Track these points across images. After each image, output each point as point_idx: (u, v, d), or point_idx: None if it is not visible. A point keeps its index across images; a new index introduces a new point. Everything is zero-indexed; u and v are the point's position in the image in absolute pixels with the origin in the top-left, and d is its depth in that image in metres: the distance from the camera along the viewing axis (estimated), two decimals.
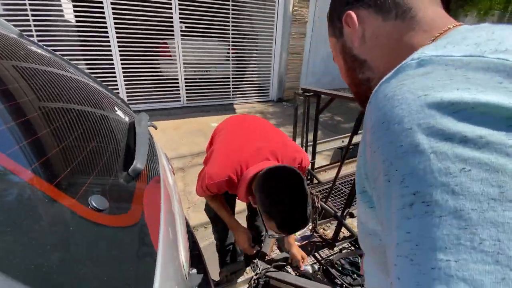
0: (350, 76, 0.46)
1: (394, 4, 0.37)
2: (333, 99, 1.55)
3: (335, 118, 4.58)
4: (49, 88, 0.58)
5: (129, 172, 0.46)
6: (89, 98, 0.71)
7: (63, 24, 3.98)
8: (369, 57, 0.41)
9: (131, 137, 0.62)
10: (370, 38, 0.40)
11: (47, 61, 0.74)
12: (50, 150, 0.41)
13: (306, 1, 4.72)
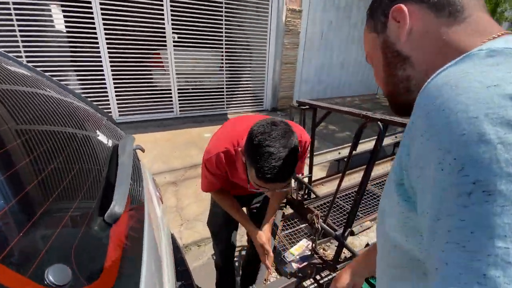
0: (388, 73, 0.44)
1: (448, 1, 0.36)
2: (330, 113, 1.51)
3: (329, 127, 4.57)
4: (12, 110, 0.51)
5: (105, 218, 0.39)
6: (65, 120, 0.63)
7: (53, 34, 3.90)
8: (414, 54, 0.40)
9: (113, 168, 0.55)
10: (418, 34, 0.38)
11: (16, 79, 0.67)
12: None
13: (298, 12, 4.77)
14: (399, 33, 0.40)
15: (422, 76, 0.39)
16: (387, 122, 1.13)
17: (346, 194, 1.96)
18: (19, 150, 0.44)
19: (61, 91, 0.94)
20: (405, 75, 0.41)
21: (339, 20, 5.63)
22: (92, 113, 0.96)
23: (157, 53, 4.14)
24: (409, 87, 0.41)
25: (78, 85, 3.79)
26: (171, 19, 3.85)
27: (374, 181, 2.17)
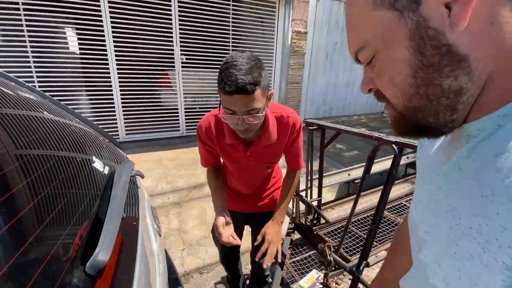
0: (424, 80, 0.27)
1: None
2: (339, 134, 1.45)
3: (337, 146, 4.49)
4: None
5: (86, 269, 0.33)
6: (59, 144, 0.59)
7: (65, 55, 4.05)
8: (476, 54, 0.25)
9: (105, 200, 0.49)
10: (492, 22, 0.23)
11: (16, 103, 0.64)
12: None
13: (304, 34, 4.88)
14: (457, 15, 0.23)
15: (477, 90, 0.26)
16: (403, 145, 1.06)
17: (358, 220, 1.84)
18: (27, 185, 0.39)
19: (62, 113, 0.91)
20: (454, 86, 0.26)
21: (344, 41, 5.73)
22: (93, 136, 0.92)
23: (166, 74, 4.23)
24: (456, 105, 0.27)
25: (88, 105, 3.86)
26: (180, 41, 3.97)
27: (388, 205, 2.05)
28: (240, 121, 0.76)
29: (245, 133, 0.82)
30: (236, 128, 0.81)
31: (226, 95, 0.72)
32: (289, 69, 4.93)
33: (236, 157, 1.01)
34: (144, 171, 0.96)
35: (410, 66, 0.27)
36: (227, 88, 0.70)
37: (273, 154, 1.02)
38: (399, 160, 1.05)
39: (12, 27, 3.02)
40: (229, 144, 0.96)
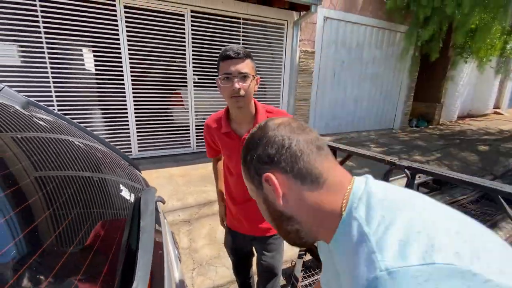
0: (277, 225, 0.49)
1: (308, 171, 0.43)
2: (350, 156, 1.47)
3: (347, 163, 4.45)
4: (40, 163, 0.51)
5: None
6: (86, 169, 0.63)
7: (85, 75, 4.27)
8: (296, 214, 0.45)
9: (134, 229, 0.53)
10: (293, 200, 0.44)
11: (47, 130, 0.70)
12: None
13: (311, 53, 5.02)
14: (275, 197, 0.45)
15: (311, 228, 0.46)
16: (415, 170, 1.06)
17: None
18: (39, 202, 0.43)
19: (88, 138, 0.97)
20: (294, 229, 0.46)
21: (351, 59, 5.84)
22: (117, 160, 0.97)
23: (178, 93, 4.38)
24: (300, 236, 0.47)
25: (103, 122, 4.01)
26: (193, 62, 4.14)
27: None
28: (234, 82, 0.92)
29: (239, 98, 0.95)
30: (232, 91, 0.94)
31: (225, 61, 0.93)
32: (297, 87, 5.03)
33: (230, 147, 1.11)
34: (155, 187, 1.01)
35: (269, 214, 0.49)
36: (226, 53, 0.92)
37: None
38: (412, 185, 1.05)
39: (33, 49, 3.23)
40: (225, 133, 1.09)
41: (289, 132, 0.46)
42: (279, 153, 0.44)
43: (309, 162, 0.43)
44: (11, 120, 0.67)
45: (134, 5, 3.60)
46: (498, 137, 6.87)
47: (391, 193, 0.42)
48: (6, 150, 0.51)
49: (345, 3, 5.25)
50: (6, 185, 0.44)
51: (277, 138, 0.45)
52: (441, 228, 0.36)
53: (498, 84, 10.99)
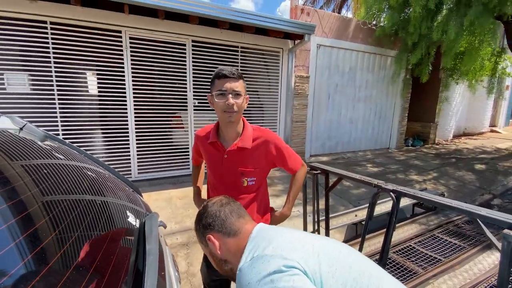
0: (218, 266, 0.76)
1: (231, 229, 0.73)
2: (341, 179, 1.55)
3: (344, 183, 4.51)
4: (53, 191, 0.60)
5: None
6: (98, 192, 0.72)
7: (88, 99, 4.45)
8: (228, 258, 0.72)
9: (140, 253, 0.60)
10: (225, 248, 0.72)
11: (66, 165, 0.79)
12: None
13: (306, 78, 5.26)
14: (215, 250, 0.72)
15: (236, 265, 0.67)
16: (399, 193, 1.15)
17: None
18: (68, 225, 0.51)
19: (96, 165, 1.06)
20: (228, 268, 0.73)
21: (344, 83, 6.10)
22: (120, 185, 1.06)
23: (178, 116, 4.54)
24: (232, 269, 0.71)
25: (104, 144, 4.12)
26: (193, 87, 4.34)
27: (396, 247, 2.04)
28: (229, 99, 1.03)
29: (232, 112, 1.06)
30: (225, 106, 1.04)
31: (220, 79, 1.05)
32: (294, 109, 5.21)
33: (215, 158, 1.19)
34: (154, 210, 1.06)
35: (213, 261, 0.78)
36: (222, 73, 1.04)
37: (248, 160, 1.15)
38: (397, 208, 1.12)
39: (43, 77, 3.42)
40: (211, 142, 1.18)
41: (219, 207, 0.77)
42: (214, 221, 0.74)
43: (231, 223, 0.74)
44: (32, 152, 0.77)
45: (139, 36, 3.86)
46: (495, 155, 6.96)
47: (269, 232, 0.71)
48: (30, 176, 0.60)
49: (336, 31, 5.59)
50: (28, 207, 0.52)
51: (212, 212, 0.76)
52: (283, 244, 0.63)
53: (492, 103, 11.30)
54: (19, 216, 0.50)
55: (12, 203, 0.52)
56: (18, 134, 0.89)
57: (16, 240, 0.45)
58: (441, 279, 1.66)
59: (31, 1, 3.18)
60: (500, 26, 5.75)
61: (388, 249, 1.13)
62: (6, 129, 0.88)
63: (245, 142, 1.14)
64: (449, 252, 1.96)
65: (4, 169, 0.60)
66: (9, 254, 0.42)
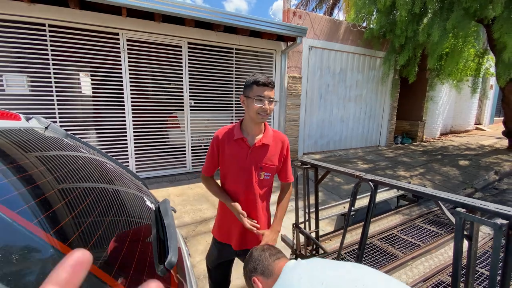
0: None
1: (269, 271, 0.83)
2: (328, 172, 1.72)
3: (335, 179, 4.71)
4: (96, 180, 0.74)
5: (166, 265, 0.57)
6: (129, 198, 0.86)
7: (87, 99, 4.52)
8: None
9: (159, 227, 0.75)
10: (264, 287, 0.82)
11: (89, 159, 0.93)
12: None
13: (298, 78, 5.44)
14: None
15: None
16: (377, 182, 1.32)
17: (353, 250, 2.01)
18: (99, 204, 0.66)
19: (112, 161, 1.20)
20: None
21: (335, 83, 6.31)
22: (135, 180, 1.20)
23: (175, 116, 4.66)
24: None
25: (103, 144, 4.21)
26: (189, 88, 4.47)
27: (381, 235, 2.23)
28: (265, 104, 1.18)
29: (265, 115, 1.20)
30: (261, 110, 1.19)
31: (259, 86, 1.18)
32: (287, 109, 5.39)
33: (239, 153, 1.27)
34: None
35: None
36: (262, 81, 1.18)
37: (268, 156, 1.31)
38: (374, 196, 1.30)
39: (42, 79, 3.50)
40: (236, 140, 1.27)
41: (261, 251, 0.91)
42: (257, 265, 0.86)
43: (269, 265, 0.85)
44: (61, 148, 0.91)
45: (136, 39, 3.96)
46: (479, 152, 7.30)
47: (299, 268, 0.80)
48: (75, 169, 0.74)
49: (327, 33, 5.79)
50: (63, 197, 0.65)
51: (255, 257, 0.89)
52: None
53: (477, 102, 11.74)
54: (62, 201, 0.64)
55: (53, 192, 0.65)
56: (44, 133, 1.03)
57: (66, 218, 0.59)
58: (418, 261, 1.85)
59: (30, 4, 3.25)
60: (483, 28, 6.06)
61: (368, 230, 1.30)
62: (34, 128, 1.02)
63: (268, 139, 1.30)
64: (427, 238, 2.16)
65: (36, 162, 0.74)
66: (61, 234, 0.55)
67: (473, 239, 1.01)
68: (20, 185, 0.51)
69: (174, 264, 0.58)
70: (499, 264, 0.90)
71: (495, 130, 11.62)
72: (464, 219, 0.96)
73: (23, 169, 0.58)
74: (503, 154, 6.85)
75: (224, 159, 1.31)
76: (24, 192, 0.50)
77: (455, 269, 1.00)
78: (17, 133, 0.76)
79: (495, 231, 0.87)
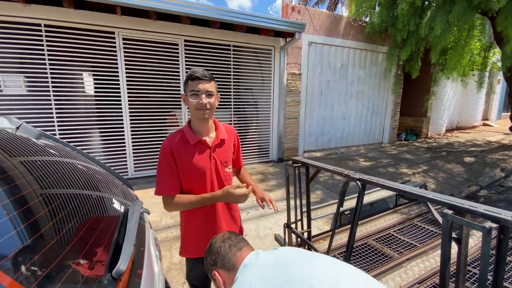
0: None
1: (230, 264, 0.78)
2: (319, 171, 1.67)
3: (335, 177, 4.64)
4: (51, 180, 0.71)
5: (113, 274, 0.54)
6: (89, 187, 0.83)
7: (83, 99, 4.54)
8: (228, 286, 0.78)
9: (123, 230, 0.71)
10: (228, 283, 0.76)
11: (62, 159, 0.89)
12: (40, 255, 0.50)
13: (298, 75, 5.36)
14: (220, 285, 0.78)
15: None
16: (364, 181, 1.26)
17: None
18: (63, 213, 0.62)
19: (89, 161, 1.17)
20: None
21: (336, 79, 6.20)
22: (111, 179, 1.16)
23: (173, 114, 4.64)
24: None
25: (101, 144, 4.22)
26: None
27: (376, 235, 2.17)
28: (202, 98, 1.12)
29: (205, 110, 1.15)
30: (199, 105, 1.13)
31: (194, 81, 1.13)
32: (286, 106, 5.32)
33: (201, 156, 1.19)
34: (150, 206, 1.15)
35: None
36: (195, 75, 1.12)
37: (227, 150, 1.31)
38: (362, 195, 1.24)
39: (38, 79, 3.51)
40: (194, 144, 1.19)
41: (221, 242, 0.84)
42: (217, 258, 0.80)
43: (229, 259, 0.79)
44: (27, 149, 0.88)
45: (132, 37, 3.94)
46: (485, 148, 7.12)
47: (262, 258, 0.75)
48: (24, 173, 0.71)
49: (327, 28, 5.68)
50: (27, 201, 0.62)
51: (214, 249, 0.83)
52: None
53: (484, 97, 11.45)
54: (20, 208, 0.60)
55: (13, 197, 0.62)
56: (15, 133, 1.00)
57: (18, 228, 0.56)
58: (413, 262, 1.78)
59: (25, 5, 3.25)
60: (490, 21, 5.86)
61: (355, 230, 1.25)
62: (4, 128, 0.99)
63: (223, 134, 1.29)
64: (425, 238, 2.09)
65: (2, 164, 0.71)
66: (11, 240, 0.52)
67: (463, 243, 0.95)
68: None
69: (121, 273, 0.55)
70: (488, 269, 0.84)
71: (502, 126, 11.33)
72: (451, 222, 0.90)
73: None
74: (510, 150, 6.67)
75: (184, 167, 1.18)
76: None
77: (443, 275, 0.94)
78: None
79: (484, 235, 0.81)
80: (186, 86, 1.17)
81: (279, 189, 4.08)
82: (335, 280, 0.58)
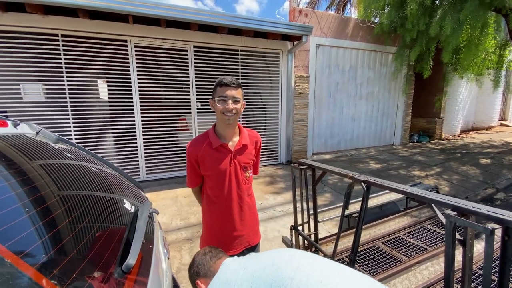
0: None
1: (211, 272, 0.85)
2: (324, 173, 1.68)
3: (344, 180, 4.59)
4: (67, 183, 0.76)
5: (123, 268, 0.58)
6: (103, 190, 0.88)
7: (97, 105, 4.72)
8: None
9: (133, 228, 0.76)
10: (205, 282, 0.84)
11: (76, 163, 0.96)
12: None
13: (306, 78, 5.37)
14: None
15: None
16: (369, 183, 1.27)
17: (360, 251, 1.95)
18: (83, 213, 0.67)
19: (102, 164, 1.23)
20: None
21: (345, 81, 6.16)
22: (122, 181, 1.23)
23: (183, 118, 4.75)
24: None
25: (114, 148, 4.37)
26: (196, 91, 4.54)
27: (385, 238, 2.14)
28: (229, 104, 1.19)
29: (231, 116, 1.21)
30: (225, 110, 1.20)
31: (222, 87, 1.21)
32: (295, 109, 5.33)
33: (222, 160, 1.26)
34: (161, 208, 1.20)
35: None
36: (224, 82, 1.20)
37: (248, 155, 1.34)
38: (367, 197, 1.25)
39: (56, 86, 3.69)
40: (216, 148, 1.25)
41: (202, 255, 0.92)
42: (199, 268, 0.87)
43: (210, 267, 0.87)
44: (46, 153, 0.95)
45: (144, 45, 4.08)
46: (502, 149, 6.85)
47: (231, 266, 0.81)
48: (43, 175, 0.77)
49: (335, 31, 5.67)
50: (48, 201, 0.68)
51: (197, 261, 0.90)
52: None
53: (501, 96, 11.04)
54: (39, 207, 0.66)
55: (33, 197, 0.68)
56: (35, 138, 1.08)
57: (37, 224, 0.61)
58: (423, 266, 1.76)
59: (43, 16, 3.44)
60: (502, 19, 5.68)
61: (360, 233, 1.25)
62: (24, 134, 1.07)
63: (245, 140, 1.34)
64: (436, 241, 2.05)
65: (23, 167, 0.77)
66: (32, 235, 0.57)
67: (467, 244, 0.94)
68: None
69: (130, 267, 0.59)
70: (492, 272, 0.83)
71: None
72: (455, 223, 0.90)
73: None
74: None
75: (206, 168, 1.27)
76: None
77: (447, 277, 0.94)
78: (1, 140, 0.80)
79: (487, 236, 0.81)
80: (214, 92, 1.24)
81: (287, 191, 4.08)
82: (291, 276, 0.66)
